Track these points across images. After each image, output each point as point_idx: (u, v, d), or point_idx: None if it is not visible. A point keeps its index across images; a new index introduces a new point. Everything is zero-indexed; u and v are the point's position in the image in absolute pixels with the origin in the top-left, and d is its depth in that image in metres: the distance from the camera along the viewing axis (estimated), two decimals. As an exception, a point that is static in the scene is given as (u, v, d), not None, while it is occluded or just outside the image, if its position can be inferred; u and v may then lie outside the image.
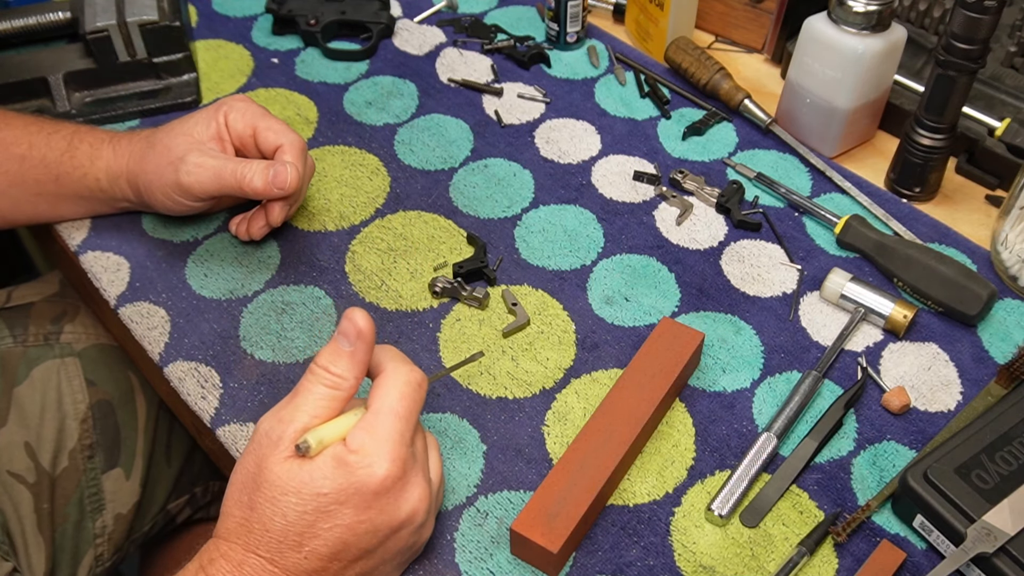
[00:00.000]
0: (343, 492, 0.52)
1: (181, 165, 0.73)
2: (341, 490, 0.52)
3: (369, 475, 0.52)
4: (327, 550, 0.53)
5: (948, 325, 0.75)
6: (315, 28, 0.99)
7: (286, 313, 0.76)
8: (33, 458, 0.81)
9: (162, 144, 0.75)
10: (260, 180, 0.72)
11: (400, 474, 0.53)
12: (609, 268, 0.79)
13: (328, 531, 0.52)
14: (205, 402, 0.70)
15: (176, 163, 0.74)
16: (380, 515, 0.53)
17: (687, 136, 0.91)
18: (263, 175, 0.72)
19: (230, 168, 0.73)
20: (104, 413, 0.85)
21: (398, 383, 0.55)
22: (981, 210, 0.84)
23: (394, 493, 0.53)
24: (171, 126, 0.77)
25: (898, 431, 0.69)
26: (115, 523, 0.85)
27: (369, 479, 0.52)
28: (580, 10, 0.97)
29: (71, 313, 0.88)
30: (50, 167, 0.77)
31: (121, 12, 0.90)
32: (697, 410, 0.70)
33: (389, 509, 0.54)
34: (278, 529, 0.52)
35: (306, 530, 0.52)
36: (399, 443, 0.53)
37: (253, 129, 0.76)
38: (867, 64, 0.81)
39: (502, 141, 0.90)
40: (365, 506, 0.53)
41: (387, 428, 0.53)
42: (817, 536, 0.62)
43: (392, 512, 0.54)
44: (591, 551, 0.62)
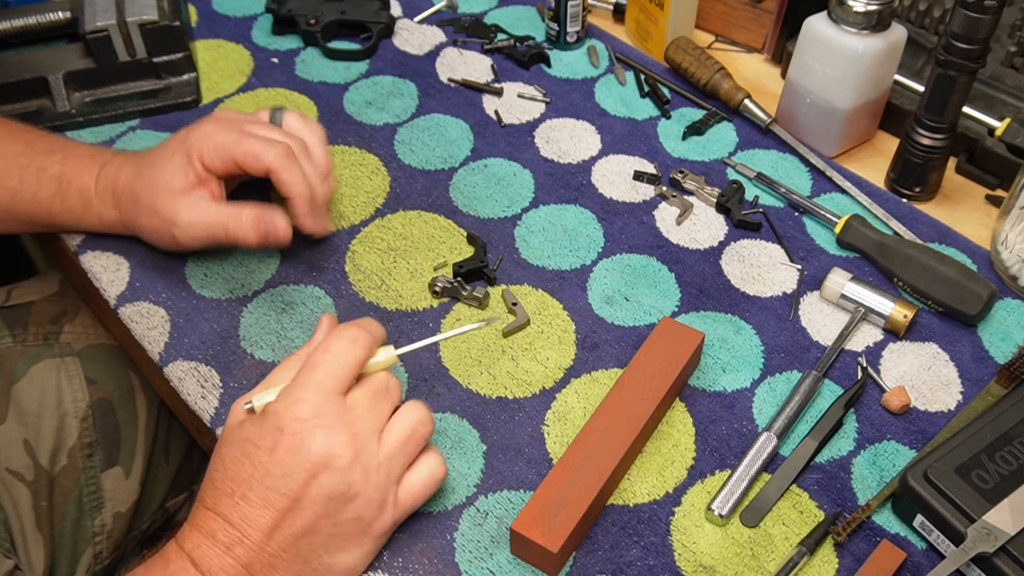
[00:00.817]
0: (259, 435, 0.56)
1: (174, 228, 0.73)
2: (259, 433, 0.56)
3: (277, 415, 0.56)
4: (254, 495, 0.55)
5: (948, 325, 0.75)
6: (315, 28, 0.99)
7: (286, 313, 0.76)
8: (32, 456, 0.81)
9: (147, 205, 0.73)
10: (253, 235, 0.72)
11: (310, 414, 0.56)
12: (609, 268, 0.79)
13: (251, 475, 0.55)
14: (205, 402, 0.70)
15: (168, 226, 0.73)
16: (291, 455, 0.55)
17: (687, 136, 0.91)
18: (255, 230, 0.72)
19: (221, 224, 0.72)
20: (104, 412, 0.85)
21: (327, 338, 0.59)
22: (981, 210, 0.84)
23: (302, 432, 0.55)
24: (147, 177, 0.73)
25: (898, 431, 0.69)
26: (114, 521, 0.85)
27: (276, 419, 0.56)
28: (580, 10, 0.97)
29: (71, 313, 0.88)
30: (42, 204, 0.76)
31: (121, 12, 0.90)
32: (697, 410, 0.70)
33: (299, 448, 0.55)
34: (217, 479, 0.57)
35: (236, 475, 0.56)
36: (312, 386, 0.56)
37: (233, 162, 0.72)
38: (867, 64, 0.81)
39: (502, 141, 0.90)
40: (275, 445, 0.55)
41: (302, 374, 0.57)
42: (817, 536, 0.62)
43: (303, 451, 0.55)
44: (591, 551, 0.62)
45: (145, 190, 0.73)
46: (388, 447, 0.58)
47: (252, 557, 0.55)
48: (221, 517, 0.56)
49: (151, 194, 0.73)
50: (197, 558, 0.55)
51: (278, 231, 0.72)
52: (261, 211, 0.72)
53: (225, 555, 0.55)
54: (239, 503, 0.55)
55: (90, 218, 0.77)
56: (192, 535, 0.56)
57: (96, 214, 0.77)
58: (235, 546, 0.55)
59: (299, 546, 0.56)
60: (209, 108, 0.93)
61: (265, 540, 0.55)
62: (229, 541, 0.55)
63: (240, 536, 0.55)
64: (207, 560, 0.55)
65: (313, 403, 0.56)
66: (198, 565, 0.55)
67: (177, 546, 0.57)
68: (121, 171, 0.75)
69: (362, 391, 0.58)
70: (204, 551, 0.55)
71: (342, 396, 0.57)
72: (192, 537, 0.56)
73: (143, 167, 0.75)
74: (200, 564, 0.55)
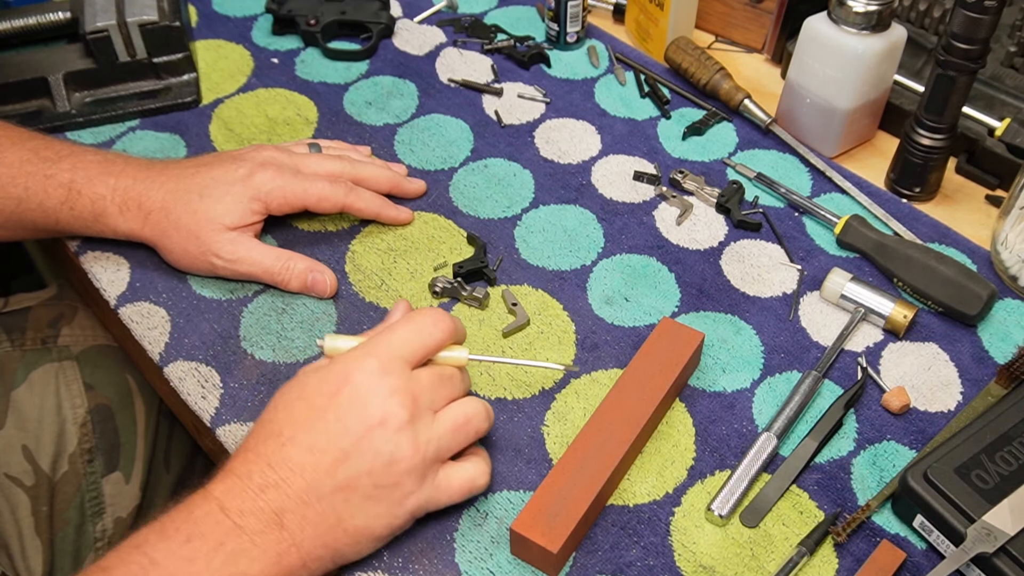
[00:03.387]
0: (322, 380, 0.57)
1: (215, 259, 0.74)
2: (322, 379, 0.58)
3: (344, 364, 0.58)
4: (303, 437, 0.55)
5: (948, 325, 0.75)
6: (315, 28, 0.99)
7: (286, 313, 0.76)
8: (31, 461, 0.81)
9: (188, 231, 0.74)
10: (297, 285, 0.76)
11: (375, 370, 0.57)
12: (609, 268, 0.79)
13: (305, 417, 0.56)
14: (205, 402, 0.70)
15: (208, 255, 0.74)
16: (351, 404, 0.56)
17: (687, 136, 0.91)
18: (301, 281, 0.76)
19: (267, 268, 0.75)
20: (103, 417, 0.85)
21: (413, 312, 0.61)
22: (981, 210, 0.84)
23: (365, 385, 0.57)
24: (194, 204, 0.74)
25: (898, 431, 0.69)
26: (115, 527, 0.85)
27: (343, 368, 0.57)
28: (580, 10, 0.97)
29: (68, 315, 0.88)
30: (48, 212, 0.75)
31: (121, 12, 0.90)
32: (697, 410, 0.70)
33: (360, 400, 0.56)
34: (266, 419, 0.58)
35: (288, 416, 0.57)
36: (383, 347, 0.58)
37: (303, 207, 0.77)
38: (867, 64, 0.81)
39: (502, 141, 0.90)
40: (336, 392, 0.57)
41: (373, 340, 0.59)
42: (817, 536, 0.62)
43: (362, 405, 0.56)
44: (591, 551, 0.62)
45: (188, 214, 0.74)
46: (442, 426, 0.59)
47: (285, 503, 0.54)
48: (261, 459, 0.55)
49: (195, 220, 0.74)
50: (226, 502, 0.54)
51: (325, 285, 0.76)
52: (312, 264, 0.76)
53: (257, 497, 0.54)
54: (285, 445, 0.55)
55: (100, 227, 0.76)
56: (225, 479, 0.55)
57: (110, 224, 0.75)
58: (269, 489, 0.54)
59: (335, 500, 0.55)
60: (209, 108, 0.93)
61: (304, 487, 0.55)
62: (264, 483, 0.54)
63: (278, 479, 0.54)
64: (237, 502, 0.54)
65: (383, 361, 0.57)
66: (226, 508, 0.54)
67: (204, 492, 0.55)
68: (152, 187, 0.75)
69: (429, 370, 0.60)
70: (236, 493, 0.54)
71: (410, 365, 0.58)
72: (224, 481, 0.55)
73: (188, 192, 0.74)
74: (228, 507, 0.54)
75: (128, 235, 0.76)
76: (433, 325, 0.60)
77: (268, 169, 0.76)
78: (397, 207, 0.82)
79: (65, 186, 0.74)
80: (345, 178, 0.79)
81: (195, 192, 0.74)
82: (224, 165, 0.76)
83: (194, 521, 0.54)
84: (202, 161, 0.77)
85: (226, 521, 0.54)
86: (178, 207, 0.74)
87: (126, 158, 0.78)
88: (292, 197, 0.76)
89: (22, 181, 0.74)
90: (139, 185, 0.75)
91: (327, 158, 0.80)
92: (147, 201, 0.74)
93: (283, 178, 0.76)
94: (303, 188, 0.76)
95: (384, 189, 0.82)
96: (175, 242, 0.74)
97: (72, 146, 0.78)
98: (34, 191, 0.74)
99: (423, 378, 0.59)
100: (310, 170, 0.78)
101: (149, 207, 0.74)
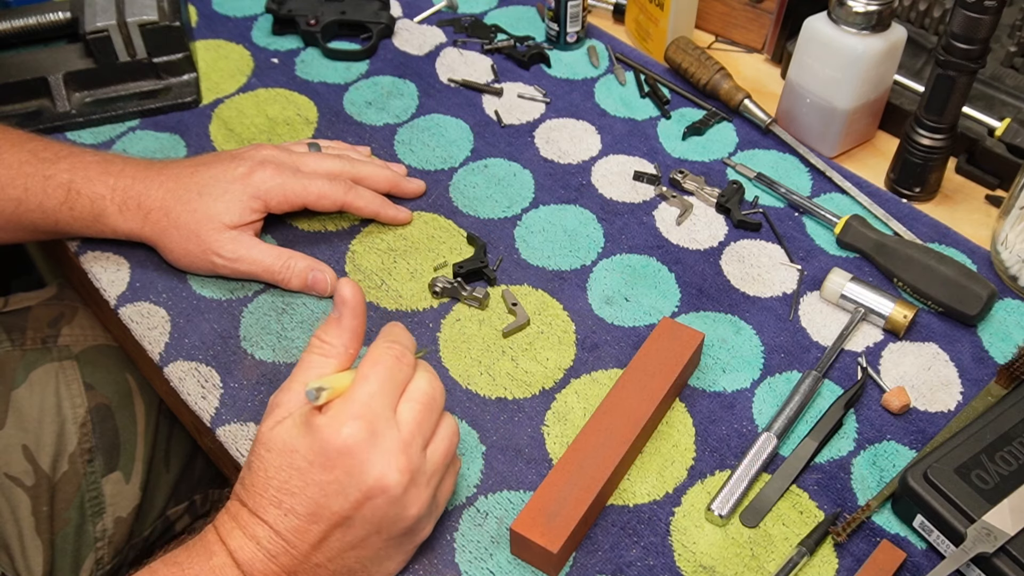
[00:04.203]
0: (311, 451, 0.54)
1: (216, 258, 0.74)
2: (309, 448, 0.54)
3: (332, 434, 0.53)
4: (303, 508, 0.54)
5: (948, 325, 0.75)
6: (315, 28, 0.99)
7: (286, 313, 0.76)
8: (32, 461, 0.81)
9: (188, 229, 0.74)
10: (298, 284, 0.76)
11: (366, 436, 0.53)
12: (609, 268, 0.79)
13: (301, 489, 0.54)
14: (205, 402, 0.70)
15: (209, 254, 0.74)
16: (347, 476, 0.53)
17: (687, 136, 0.91)
18: (301, 280, 0.76)
19: (267, 266, 0.75)
20: (103, 417, 0.85)
21: (375, 352, 0.57)
22: (981, 210, 0.84)
23: (360, 455, 0.53)
24: (194, 203, 0.74)
25: (898, 431, 0.69)
26: (115, 526, 0.85)
27: (332, 438, 0.53)
28: (580, 10, 0.97)
29: (68, 315, 0.88)
30: (48, 213, 0.75)
31: (121, 12, 0.90)
32: (697, 410, 0.70)
33: (356, 471, 0.53)
34: (260, 483, 0.55)
35: (283, 485, 0.54)
36: (365, 406, 0.54)
37: (303, 205, 0.77)
38: (867, 64, 0.81)
39: (502, 141, 0.90)
40: (330, 465, 0.53)
41: (354, 391, 0.55)
42: (817, 536, 0.62)
43: (359, 475, 0.53)
44: (591, 551, 0.62)
45: (188, 213, 0.74)
46: (434, 462, 0.57)
47: (296, 565, 0.55)
48: (267, 525, 0.55)
49: (194, 219, 0.74)
50: (240, 560, 0.55)
51: (325, 284, 0.76)
52: (313, 263, 0.76)
53: (270, 562, 0.55)
54: (287, 515, 0.54)
55: (100, 227, 0.76)
56: (235, 533, 0.55)
57: (109, 224, 0.75)
58: (280, 555, 0.54)
59: (345, 558, 0.55)
60: (209, 108, 0.93)
61: (311, 551, 0.55)
62: (275, 550, 0.54)
63: (286, 546, 0.54)
64: (251, 564, 0.54)
65: (369, 421, 0.54)
66: (240, 566, 0.55)
67: (219, 539, 0.56)
68: (151, 186, 0.75)
69: (410, 406, 0.56)
70: (247, 553, 0.55)
71: (394, 414, 0.55)
72: (234, 536, 0.55)
73: (187, 190, 0.74)
74: (243, 565, 0.55)
75: (128, 235, 0.76)
76: (398, 361, 0.56)
77: (267, 167, 0.76)
78: (396, 207, 0.82)
79: (64, 186, 0.74)
80: (344, 177, 0.79)
81: (194, 191, 0.74)
82: (223, 164, 0.76)
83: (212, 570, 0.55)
84: (201, 160, 0.77)
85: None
86: (177, 206, 0.74)
87: (125, 158, 0.78)
88: (291, 195, 0.76)
89: (21, 182, 0.74)
90: (138, 184, 0.75)
91: (326, 157, 0.80)
92: (147, 200, 0.74)
93: (282, 176, 0.76)
94: (302, 186, 0.76)
95: (383, 188, 0.82)
96: (175, 241, 0.74)
97: (71, 147, 0.78)
98: (33, 192, 0.74)
99: (410, 420, 0.56)
100: (309, 168, 0.78)
101: (149, 206, 0.74)
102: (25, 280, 1.29)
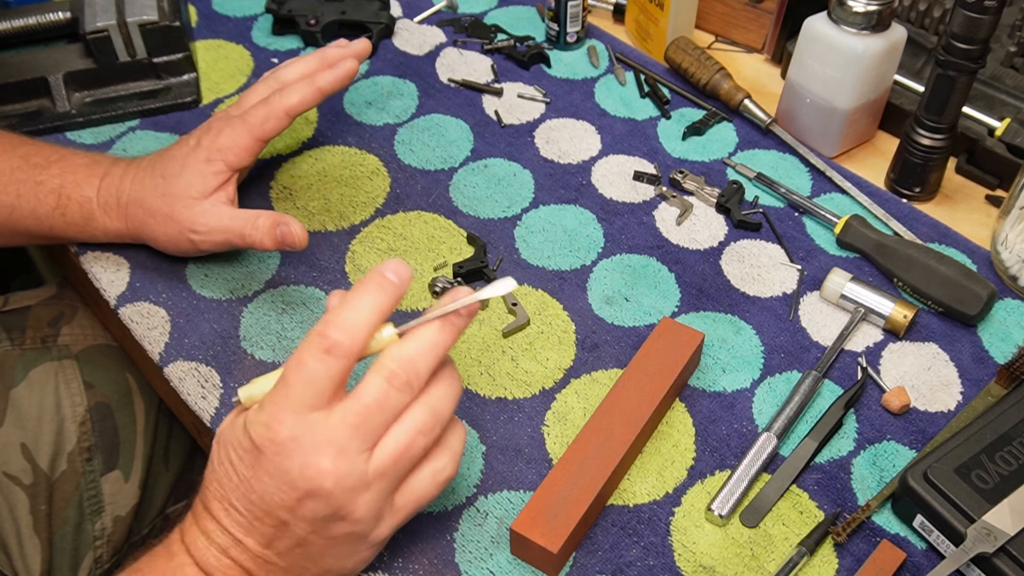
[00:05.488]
0: (240, 446, 0.54)
1: (192, 234, 0.73)
2: (239, 444, 0.54)
3: (255, 432, 0.52)
4: (240, 504, 0.54)
5: (948, 325, 0.75)
6: (315, 28, 0.99)
7: (286, 313, 0.76)
8: (30, 460, 0.81)
9: (162, 214, 0.73)
10: (270, 241, 0.72)
11: (284, 438, 0.51)
12: (609, 268, 0.79)
13: (236, 484, 0.54)
14: (205, 402, 0.70)
15: (186, 232, 0.73)
16: (269, 477, 0.52)
17: (687, 136, 0.91)
18: (271, 237, 0.72)
19: (237, 231, 0.73)
20: (102, 416, 0.85)
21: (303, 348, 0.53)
22: (981, 210, 0.84)
23: (279, 456, 0.52)
24: (159, 187, 0.73)
25: (898, 431, 0.69)
26: (114, 525, 0.85)
27: (255, 436, 0.52)
28: (580, 10, 0.97)
29: (68, 315, 0.88)
30: (41, 219, 0.75)
31: (121, 12, 0.90)
32: (697, 410, 0.70)
33: (277, 472, 0.52)
34: (208, 477, 0.56)
35: (224, 481, 0.55)
36: (280, 405, 0.52)
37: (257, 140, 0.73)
38: (867, 64, 0.81)
39: (502, 141, 0.90)
40: (255, 462, 0.53)
41: (276, 391, 0.52)
42: (817, 536, 0.62)
43: (281, 476, 0.52)
44: (591, 551, 0.62)
45: (157, 198, 0.73)
46: (378, 465, 0.53)
47: (249, 561, 0.55)
48: (215, 519, 0.55)
49: (165, 202, 0.73)
50: (197, 556, 0.55)
51: (295, 237, 0.71)
52: (277, 217, 0.72)
53: (222, 556, 0.55)
54: (229, 510, 0.55)
55: (92, 230, 0.76)
56: (191, 530, 0.56)
57: (100, 226, 0.76)
58: (230, 549, 0.55)
59: (294, 555, 0.55)
60: (209, 108, 0.93)
61: (259, 547, 0.55)
62: (224, 544, 0.55)
63: (233, 540, 0.55)
64: (206, 559, 0.55)
65: (289, 423, 0.51)
66: (199, 563, 0.55)
67: (180, 539, 0.57)
68: (124, 182, 0.75)
69: (349, 405, 0.52)
70: (202, 550, 0.55)
71: (324, 411, 0.52)
72: (191, 531, 0.56)
73: (152, 176, 0.74)
74: (201, 563, 0.55)
75: (118, 235, 0.76)
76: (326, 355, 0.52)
77: (213, 126, 0.74)
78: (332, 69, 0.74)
79: (55, 192, 0.74)
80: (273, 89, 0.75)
81: (159, 175, 0.74)
82: (179, 143, 0.76)
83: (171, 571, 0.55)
84: (166, 148, 0.77)
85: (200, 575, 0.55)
86: (148, 194, 0.74)
87: (113, 159, 0.78)
88: (239, 138, 0.73)
89: (14, 189, 0.74)
90: (115, 182, 0.75)
91: (256, 85, 0.77)
92: (123, 196, 0.75)
93: (229, 127, 0.73)
94: (243, 123, 0.73)
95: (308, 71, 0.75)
96: (156, 230, 0.74)
97: (62, 150, 0.78)
98: (26, 198, 0.74)
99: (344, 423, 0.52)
100: (247, 104, 0.76)
101: (125, 201, 0.75)
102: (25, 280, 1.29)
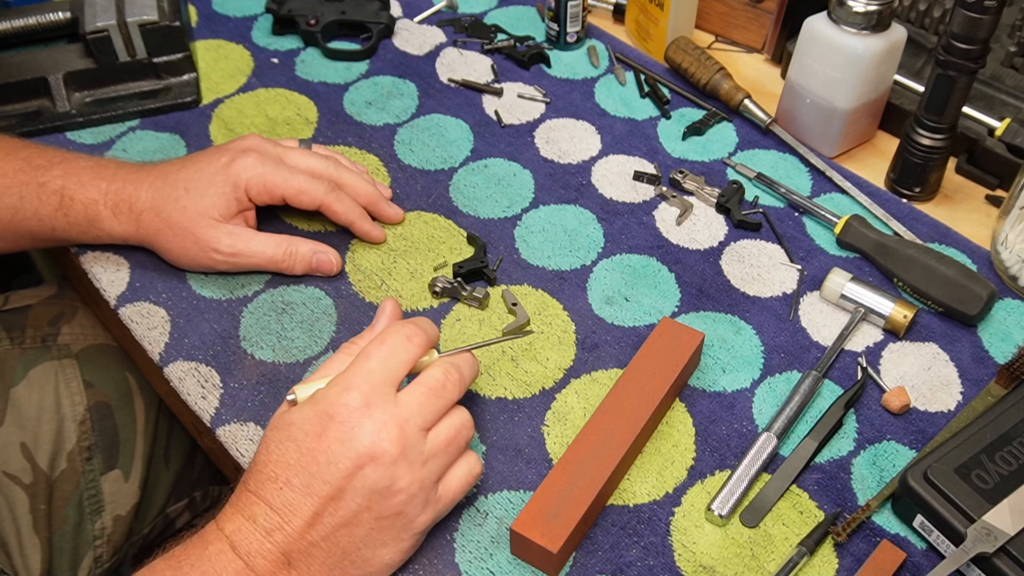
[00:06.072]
0: (306, 420, 0.56)
1: (214, 254, 0.74)
2: (306, 419, 0.57)
3: (328, 402, 0.56)
4: (297, 480, 0.55)
5: (948, 325, 0.75)
6: (315, 28, 0.99)
7: (286, 313, 0.76)
8: (30, 459, 0.81)
9: (181, 228, 0.73)
10: (302, 268, 0.77)
11: (358, 405, 0.56)
12: (609, 268, 0.79)
13: (296, 460, 0.56)
14: (205, 402, 0.70)
15: (207, 251, 0.74)
16: (338, 444, 0.55)
17: (687, 136, 0.91)
18: (305, 264, 0.76)
19: (268, 257, 0.75)
20: (102, 415, 0.85)
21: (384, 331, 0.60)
22: (981, 210, 0.84)
23: (351, 422, 0.56)
24: (181, 200, 0.73)
25: (898, 431, 0.69)
26: (114, 525, 0.85)
27: (328, 406, 0.56)
28: (580, 10, 0.97)
29: (68, 314, 0.88)
30: (44, 221, 0.75)
31: (121, 12, 0.90)
32: (697, 410, 0.70)
33: (347, 438, 0.55)
34: (261, 462, 0.57)
35: (280, 459, 0.56)
36: (362, 378, 0.57)
37: (282, 198, 0.76)
38: (867, 64, 0.81)
39: (502, 141, 0.90)
40: (323, 433, 0.56)
41: (351, 372, 0.58)
42: (817, 536, 0.62)
43: (350, 441, 0.55)
44: (591, 551, 0.62)
45: (178, 212, 0.74)
46: (433, 445, 0.58)
47: (291, 544, 0.55)
48: (263, 501, 0.56)
49: (186, 217, 0.73)
50: (236, 541, 0.55)
51: (332, 265, 0.77)
52: (315, 247, 0.77)
53: (265, 540, 0.55)
54: (282, 488, 0.55)
55: (96, 232, 0.76)
56: (234, 518, 0.56)
57: (105, 228, 0.75)
58: (275, 532, 0.55)
59: (339, 537, 0.56)
60: (209, 108, 0.93)
61: (306, 528, 0.55)
62: (270, 526, 0.55)
63: (281, 522, 0.55)
64: (246, 543, 0.55)
65: (364, 392, 0.56)
66: (236, 548, 0.55)
67: (217, 527, 0.57)
68: (140, 188, 0.75)
69: (415, 388, 0.58)
70: (244, 534, 0.55)
71: (393, 390, 0.57)
72: (233, 520, 0.56)
73: (174, 188, 0.74)
74: (239, 547, 0.55)
75: (124, 238, 0.76)
76: (407, 340, 0.59)
77: (249, 156, 0.75)
78: (372, 223, 0.80)
79: (58, 193, 0.74)
80: (327, 178, 0.78)
81: (181, 187, 0.74)
82: (208, 156, 0.76)
83: (208, 558, 0.55)
84: (190, 156, 0.77)
85: (237, 561, 0.55)
86: (167, 204, 0.74)
87: (118, 163, 0.78)
88: (271, 185, 0.75)
89: (16, 191, 0.74)
90: (129, 187, 0.75)
91: (312, 155, 0.79)
92: (137, 202, 0.74)
93: (264, 166, 0.75)
94: (283, 178, 0.75)
95: (362, 201, 0.80)
96: (171, 241, 0.74)
97: (64, 153, 0.78)
98: (29, 200, 0.74)
99: (411, 401, 0.57)
100: (293, 162, 0.77)
101: (140, 207, 0.74)
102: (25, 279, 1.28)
